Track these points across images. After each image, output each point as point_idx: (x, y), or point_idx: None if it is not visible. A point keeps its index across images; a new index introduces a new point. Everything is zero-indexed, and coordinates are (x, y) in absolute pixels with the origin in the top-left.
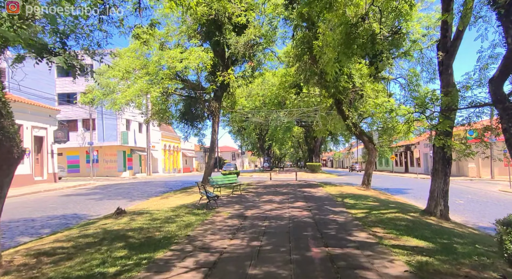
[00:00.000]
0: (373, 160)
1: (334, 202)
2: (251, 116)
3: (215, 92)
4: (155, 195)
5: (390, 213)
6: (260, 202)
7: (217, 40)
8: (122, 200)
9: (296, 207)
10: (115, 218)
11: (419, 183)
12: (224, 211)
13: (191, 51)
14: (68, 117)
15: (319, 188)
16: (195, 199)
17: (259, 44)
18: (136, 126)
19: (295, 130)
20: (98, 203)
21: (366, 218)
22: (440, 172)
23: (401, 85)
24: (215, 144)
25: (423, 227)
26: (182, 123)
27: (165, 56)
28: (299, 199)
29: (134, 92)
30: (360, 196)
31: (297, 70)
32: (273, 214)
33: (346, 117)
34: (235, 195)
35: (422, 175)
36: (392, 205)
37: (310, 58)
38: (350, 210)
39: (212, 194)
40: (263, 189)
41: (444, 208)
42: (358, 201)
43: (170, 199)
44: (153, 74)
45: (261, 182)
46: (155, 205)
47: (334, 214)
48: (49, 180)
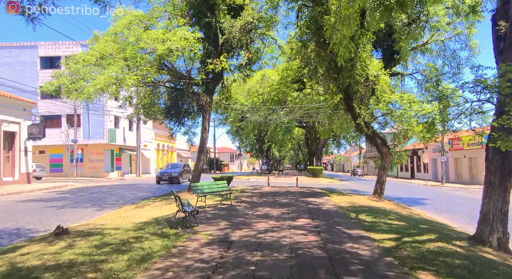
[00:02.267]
0: (387, 165)
1: (347, 220)
2: (250, 115)
3: (207, 84)
4: (131, 202)
5: (429, 242)
6: (253, 217)
7: (208, 22)
8: (89, 209)
9: (300, 227)
10: (50, 241)
11: (432, 192)
12: (204, 231)
13: (175, 31)
14: (51, 112)
15: (325, 198)
16: (174, 210)
17: (257, 28)
18: (126, 124)
19: (295, 131)
20: (57, 212)
21: (400, 250)
22: (498, 187)
23: (418, 81)
24: (205, 144)
25: (489, 271)
26: (168, 119)
27: (144, 37)
28: (302, 213)
29: (107, 79)
30: (377, 211)
31: (301, 61)
32: (268, 239)
33: (357, 115)
34: (224, 206)
35: (431, 182)
36: (423, 226)
37: (318, 44)
38: (371, 234)
39: (190, 208)
40: (258, 198)
41: (503, 235)
42: (377, 219)
43: (144, 209)
44: (130, 59)
45: (257, 187)
46: (119, 218)
47: (352, 240)
48: (21, 180)
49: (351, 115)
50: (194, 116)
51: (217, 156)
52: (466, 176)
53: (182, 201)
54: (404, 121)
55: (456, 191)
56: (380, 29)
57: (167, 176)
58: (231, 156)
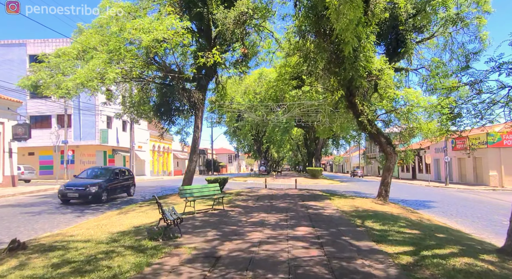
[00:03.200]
0: (392, 166)
1: (353, 228)
2: (247, 116)
3: (199, 80)
4: (116, 207)
5: (453, 257)
6: (246, 225)
7: (199, 12)
8: (68, 215)
9: (299, 238)
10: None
11: (437, 193)
12: (188, 243)
13: (162, 21)
14: (40, 112)
15: (326, 202)
16: (158, 217)
17: (252, 18)
18: (119, 124)
19: (294, 132)
20: (31, 220)
21: (422, 269)
22: None
23: (423, 77)
24: (197, 144)
25: None
26: (158, 118)
27: (129, 27)
28: (302, 220)
29: (87, 73)
30: (384, 216)
31: (299, 57)
32: (262, 254)
33: (360, 112)
34: (216, 211)
35: (434, 182)
36: (440, 234)
37: (318, 34)
38: (383, 247)
39: (174, 216)
40: (254, 202)
41: None
42: (386, 226)
43: (128, 216)
44: (114, 51)
45: (254, 190)
46: (96, 227)
47: (361, 255)
48: (5, 184)
49: (353, 112)
50: (187, 114)
51: (215, 157)
52: (470, 177)
53: (165, 207)
54: (410, 118)
55: (462, 193)
56: (384, 21)
57: (76, 192)
58: (229, 157)
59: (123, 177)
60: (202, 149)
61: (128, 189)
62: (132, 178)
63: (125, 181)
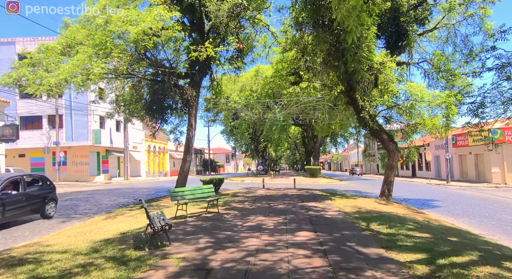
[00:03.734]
0: (395, 163)
1: (358, 232)
2: (244, 114)
3: (192, 76)
4: (106, 210)
5: (473, 266)
6: (242, 230)
7: (191, 4)
8: (53, 221)
9: (300, 245)
10: None
11: (439, 191)
12: (177, 252)
13: (150, 11)
14: (31, 112)
15: (327, 202)
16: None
17: (246, 9)
18: (113, 124)
19: (291, 130)
20: (11, 226)
21: None
22: None
23: (425, 71)
24: (191, 143)
25: None
26: (149, 116)
27: (115, 19)
28: (302, 223)
29: (71, 68)
30: (389, 218)
31: (297, 51)
32: (259, 265)
33: (361, 108)
34: (210, 215)
35: (434, 180)
36: (452, 238)
37: (316, 25)
38: (394, 254)
39: (161, 222)
40: (251, 204)
41: None
42: (393, 230)
43: (116, 221)
44: (100, 45)
45: (251, 190)
46: (79, 234)
47: (370, 265)
48: None
49: (354, 108)
50: (180, 113)
51: (212, 157)
52: (472, 174)
53: (155, 212)
54: (413, 113)
55: (465, 190)
56: (384, 11)
57: None
58: (226, 156)
59: (32, 189)
60: (199, 149)
61: (43, 207)
62: (51, 191)
63: (36, 197)
